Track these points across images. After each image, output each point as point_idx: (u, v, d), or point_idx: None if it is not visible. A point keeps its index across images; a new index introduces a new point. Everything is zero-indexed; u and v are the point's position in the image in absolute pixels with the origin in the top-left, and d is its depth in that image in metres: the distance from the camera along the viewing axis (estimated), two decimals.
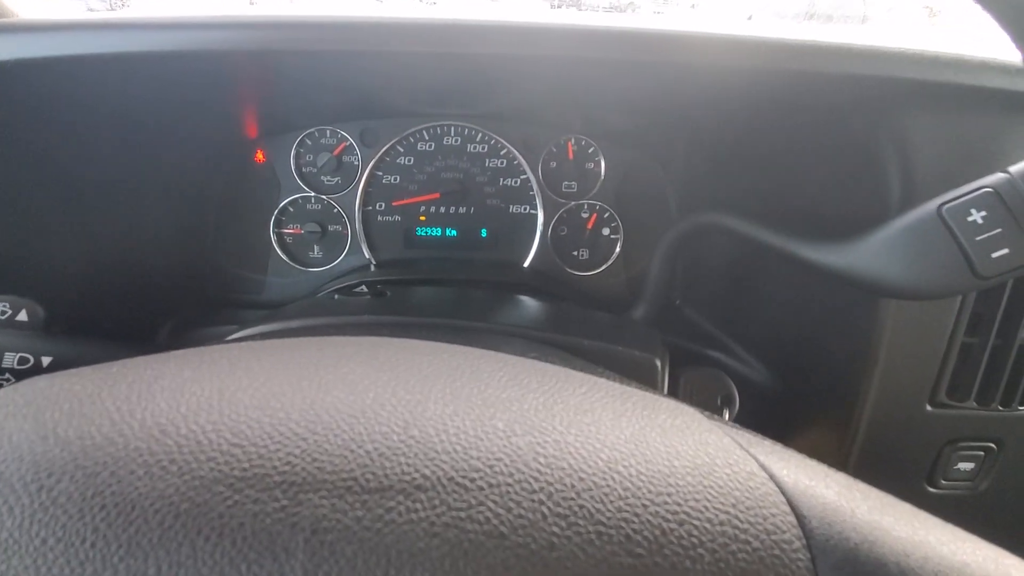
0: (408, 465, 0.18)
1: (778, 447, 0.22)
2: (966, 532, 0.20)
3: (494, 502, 0.17)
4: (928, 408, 0.45)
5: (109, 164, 0.53)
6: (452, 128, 0.66)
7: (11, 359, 0.32)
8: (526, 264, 0.69)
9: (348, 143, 0.66)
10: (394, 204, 0.68)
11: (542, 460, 0.18)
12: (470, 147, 0.67)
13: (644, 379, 0.38)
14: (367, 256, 0.68)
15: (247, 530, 0.16)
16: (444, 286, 0.62)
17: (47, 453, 0.18)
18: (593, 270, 0.70)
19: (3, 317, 0.33)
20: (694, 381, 0.44)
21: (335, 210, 0.67)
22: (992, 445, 0.48)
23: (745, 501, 0.18)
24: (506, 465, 0.18)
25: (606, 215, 0.69)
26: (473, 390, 0.21)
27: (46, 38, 0.41)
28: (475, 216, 0.69)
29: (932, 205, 0.33)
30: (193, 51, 0.42)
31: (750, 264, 0.57)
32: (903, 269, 0.33)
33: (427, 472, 0.17)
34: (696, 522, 0.17)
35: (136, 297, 0.57)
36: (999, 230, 0.31)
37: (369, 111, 0.64)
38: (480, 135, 0.67)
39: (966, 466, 0.48)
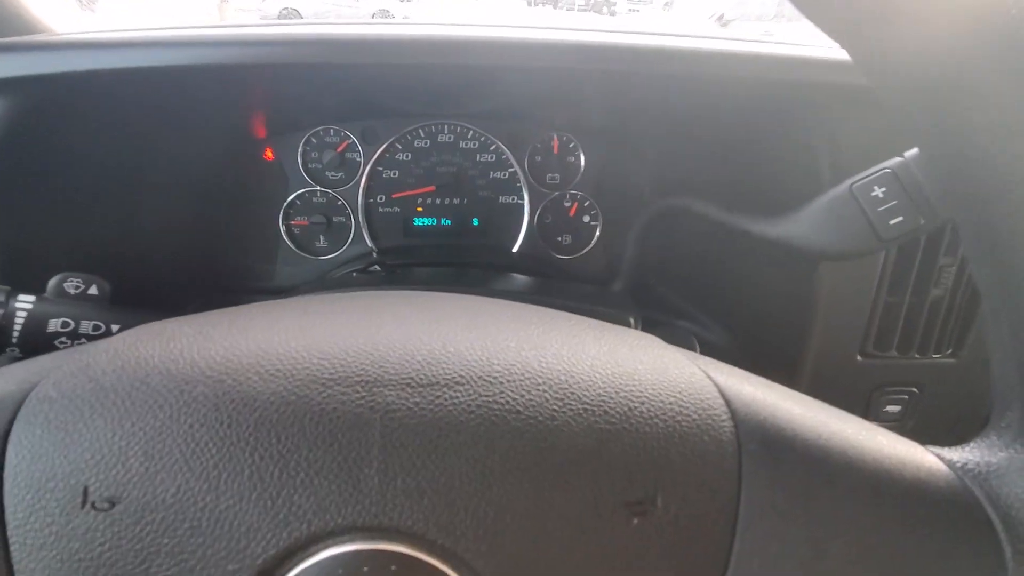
0: (449, 368, 0.24)
1: (716, 361, 0.29)
2: (851, 414, 0.27)
3: (511, 391, 0.24)
4: (859, 358, 0.54)
5: (139, 164, 0.59)
6: (446, 126, 0.73)
7: (87, 326, 0.38)
8: (515, 249, 0.76)
9: (351, 141, 0.72)
10: (393, 196, 0.74)
11: (544, 364, 0.25)
12: (462, 143, 0.74)
13: None
14: (369, 244, 0.74)
15: (338, 413, 0.23)
16: (443, 267, 0.69)
17: (181, 367, 0.24)
18: (575, 253, 0.77)
19: (77, 291, 0.39)
20: (662, 337, 0.51)
21: (339, 203, 0.74)
22: (914, 389, 0.56)
23: (689, 390, 0.25)
24: (518, 368, 0.25)
25: (586, 203, 0.76)
26: (489, 321, 0.28)
27: (91, 54, 0.46)
28: (468, 206, 0.76)
29: (846, 184, 0.41)
30: (214, 65, 0.49)
31: (710, 246, 0.65)
32: (824, 235, 0.41)
33: (463, 373, 0.24)
34: (653, 403, 0.25)
35: (164, 281, 0.63)
36: (895, 202, 0.39)
37: (370, 112, 0.71)
38: (471, 132, 0.73)
39: (893, 408, 0.57)
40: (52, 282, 0.38)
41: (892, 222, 0.39)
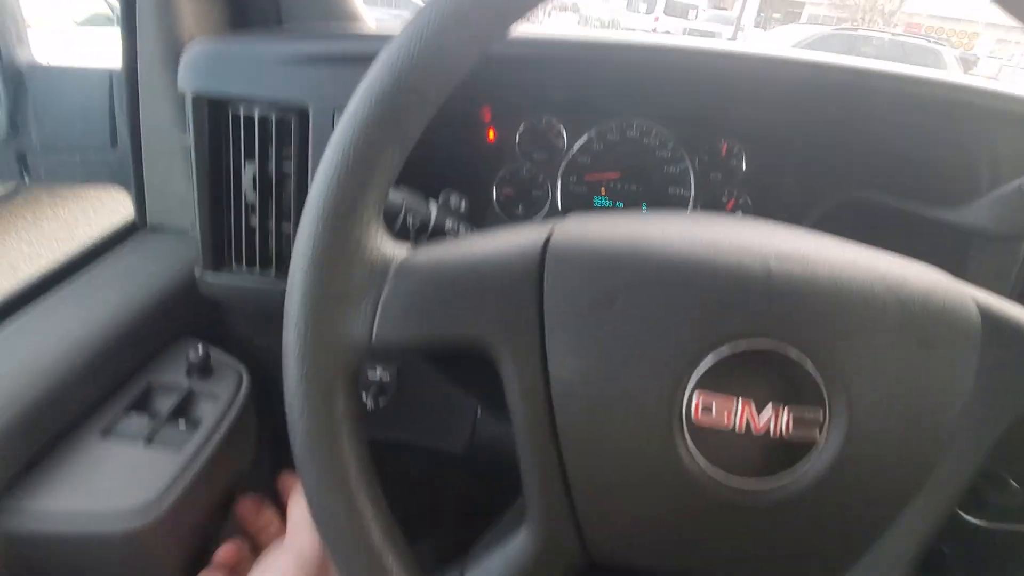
0: (788, 251, 0.40)
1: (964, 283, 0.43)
2: None
3: (837, 271, 0.39)
4: None
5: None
6: (635, 124, 0.90)
7: (460, 227, 0.56)
8: None
9: (557, 129, 0.90)
10: (584, 178, 0.91)
11: (860, 258, 0.40)
12: (645, 140, 0.90)
13: None
14: (560, 212, 0.91)
15: (740, 270, 0.38)
16: None
17: (623, 236, 0.40)
18: None
19: (455, 204, 0.56)
20: None
21: (540, 178, 0.91)
22: None
23: (952, 290, 0.40)
24: (846, 259, 0.40)
25: (741, 200, 0.91)
26: (807, 235, 0.43)
27: None
28: (641, 193, 0.92)
29: (1012, 185, 0.55)
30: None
31: (864, 227, 0.78)
32: (994, 220, 0.56)
33: (801, 255, 0.40)
34: (938, 294, 0.39)
35: None
36: None
37: (577, 108, 0.88)
38: (655, 131, 0.90)
39: None
40: (442, 195, 0.56)
41: None
